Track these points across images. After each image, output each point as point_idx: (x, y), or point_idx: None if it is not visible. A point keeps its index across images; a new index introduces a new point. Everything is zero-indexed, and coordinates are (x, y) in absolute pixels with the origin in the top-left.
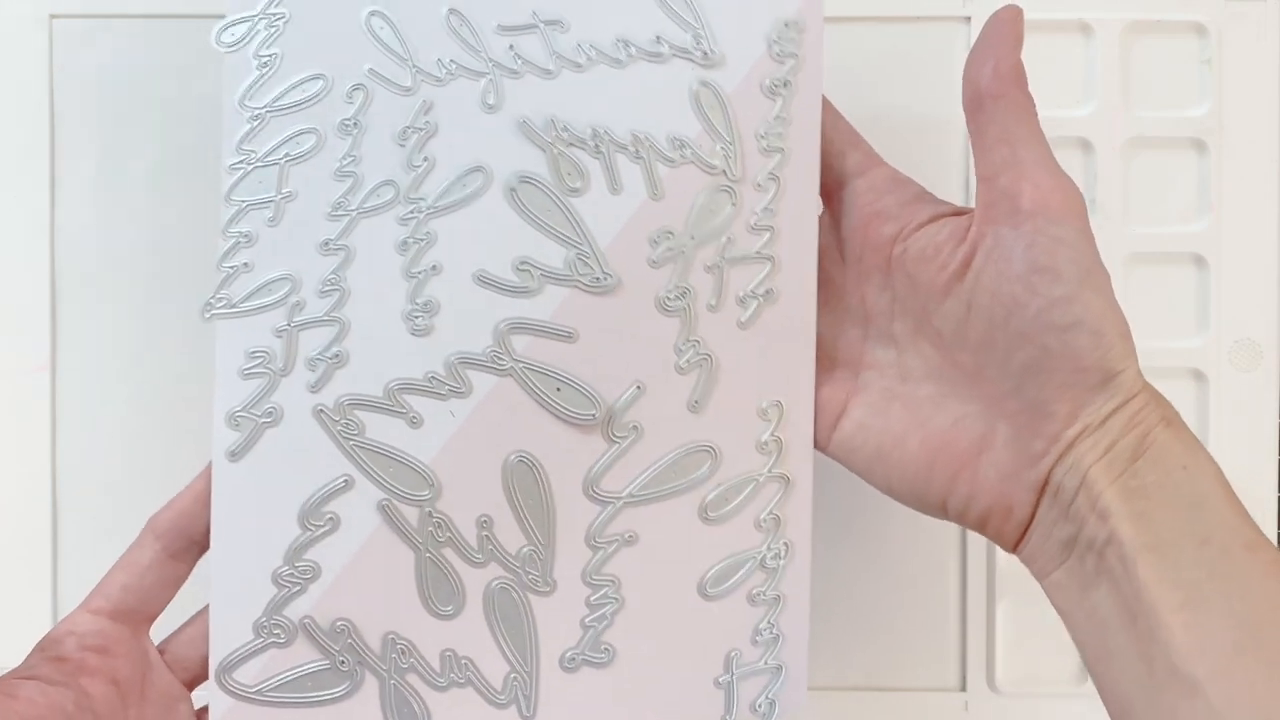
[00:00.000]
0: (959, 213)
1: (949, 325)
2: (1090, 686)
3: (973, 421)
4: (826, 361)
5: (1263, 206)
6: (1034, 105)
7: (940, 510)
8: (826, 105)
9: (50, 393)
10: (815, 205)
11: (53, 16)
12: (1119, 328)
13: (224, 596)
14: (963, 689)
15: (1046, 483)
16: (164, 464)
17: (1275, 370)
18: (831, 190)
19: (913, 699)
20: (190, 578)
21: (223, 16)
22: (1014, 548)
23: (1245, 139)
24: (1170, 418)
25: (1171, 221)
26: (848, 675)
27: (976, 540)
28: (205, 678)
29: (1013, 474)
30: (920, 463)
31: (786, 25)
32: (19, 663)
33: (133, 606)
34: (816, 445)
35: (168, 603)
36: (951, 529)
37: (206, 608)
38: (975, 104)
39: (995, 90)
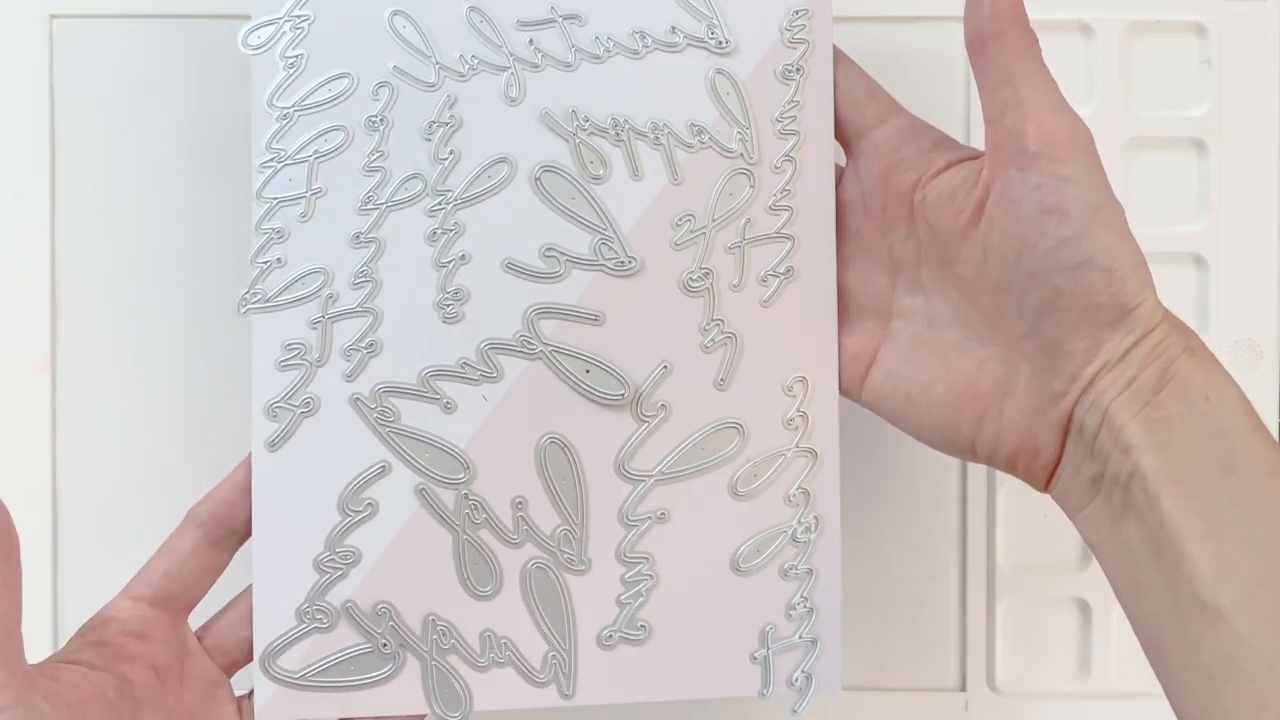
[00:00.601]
0: (975, 156)
1: (969, 270)
2: (1090, 686)
3: (995, 364)
4: (855, 312)
5: (1263, 206)
6: (1036, 41)
7: (970, 453)
8: (842, 58)
9: (50, 393)
10: (832, 184)
11: (53, 16)
12: (1132, 260)
13: (267, 584)
14: (963, 689)
15: (1070, 421)
16: (164, 463)
17: (1275, 370)
18: (852, 142)
19: (913, 699)
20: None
21: (219, 17)
22: (1045, 487)
23: (1245, 139)
24: (1194, 347)
25: (1171, 221)
26: (848, 675)
27: (977, 540)
28: (244, 663)
29: (1036, 414)
30: (947, 407)
31: (797, 13)
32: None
33: (173, 593)
34: (848, 395)
35: (207, 590)
36: (951, 529)
37: (243, 593)
38: (976, 45)
39: (994, 29)
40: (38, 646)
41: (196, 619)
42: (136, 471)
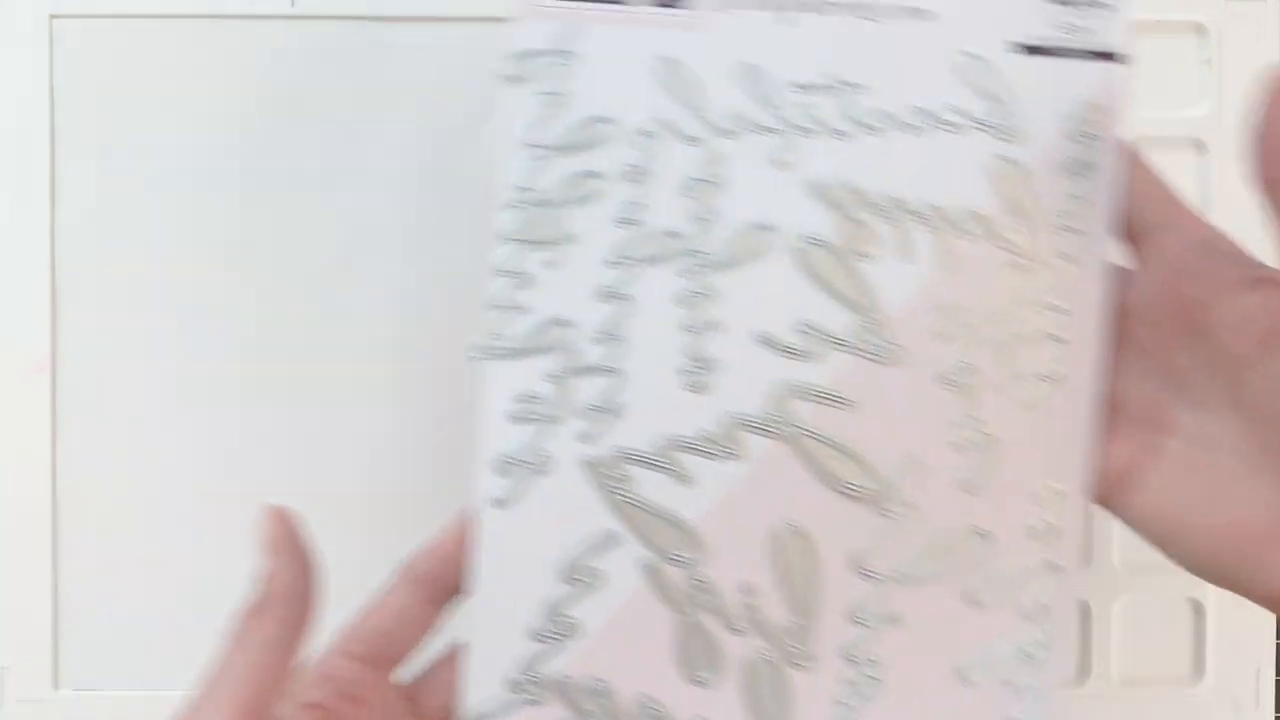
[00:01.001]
0: (1272, 278)
1: (1256, 399)
2: (1089, 688)
3: (1278, 500)
4: (1125, 422)
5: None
6: None
7: (1233, 587)
8: (1133, 155)
9: (50, 393)
10: (1111, 288)
11: (53, 16)
12: None
13: (480, 650)
14: None
15: None
16: (164, 464)
17: None
18: (1136, 244)
19: None
20: None
21: (220, 17)
22: None
23: (1245, 139)
24: None
25: None
26: None
27: None
28: None
29: None
30: (1218, 540)
31: (1089, 106)
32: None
33: (383, 651)
34: (1105, 506)
35: (415, 648)
36: None
37: (449, 653)
38: (1270, 190)
39: None
40: (38, 647)
41: None
42: (137, 472)
